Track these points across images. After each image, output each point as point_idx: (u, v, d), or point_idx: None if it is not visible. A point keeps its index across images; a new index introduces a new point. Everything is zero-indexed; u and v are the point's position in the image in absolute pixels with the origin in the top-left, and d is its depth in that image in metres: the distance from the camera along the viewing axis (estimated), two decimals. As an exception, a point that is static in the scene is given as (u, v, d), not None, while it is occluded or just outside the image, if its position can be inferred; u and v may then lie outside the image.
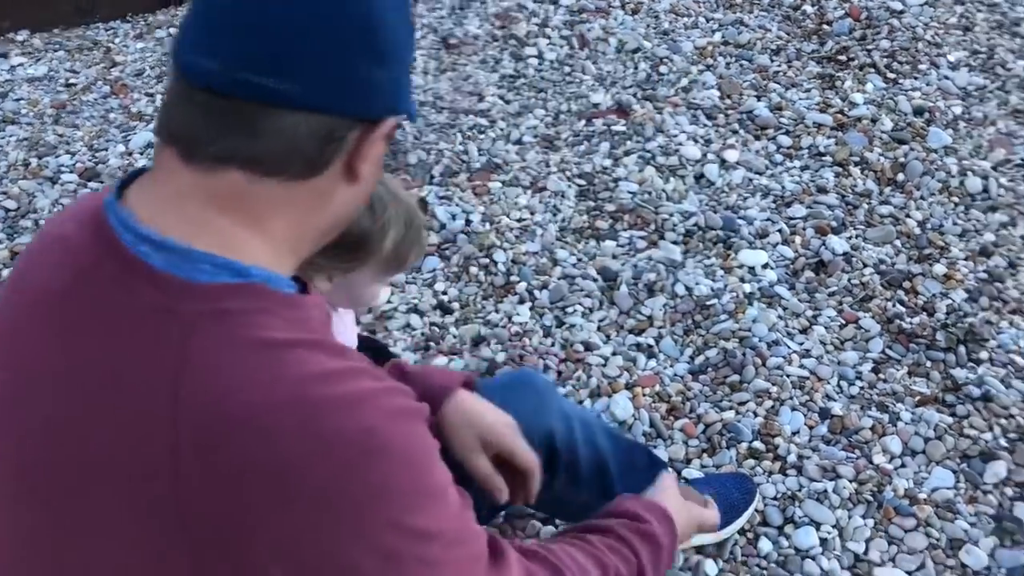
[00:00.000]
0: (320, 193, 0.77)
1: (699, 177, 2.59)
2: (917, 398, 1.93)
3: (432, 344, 2.09)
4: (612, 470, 1.41)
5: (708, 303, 2.16)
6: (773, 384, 1.96)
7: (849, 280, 2.23)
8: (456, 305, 2.21)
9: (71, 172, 2.83)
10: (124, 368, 0.69)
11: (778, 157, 2.68)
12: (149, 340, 0.69)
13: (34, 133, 3.07)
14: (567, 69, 3.12)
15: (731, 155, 2.63)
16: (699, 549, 1.65)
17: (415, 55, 0.85)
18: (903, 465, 1.80)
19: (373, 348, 1.78)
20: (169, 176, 0.74)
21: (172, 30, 3.59)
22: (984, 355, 2.02)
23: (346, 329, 1.52)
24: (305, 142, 0.73)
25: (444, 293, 2.25)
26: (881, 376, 2.00)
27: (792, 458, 1.81)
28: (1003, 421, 1.86)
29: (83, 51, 3.60)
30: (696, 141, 2.71)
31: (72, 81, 3.37)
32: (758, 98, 2.91)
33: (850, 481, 1.76)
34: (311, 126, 0.73)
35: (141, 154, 2.87)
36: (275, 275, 0.76)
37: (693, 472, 1.80)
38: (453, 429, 1.14)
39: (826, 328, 2.11)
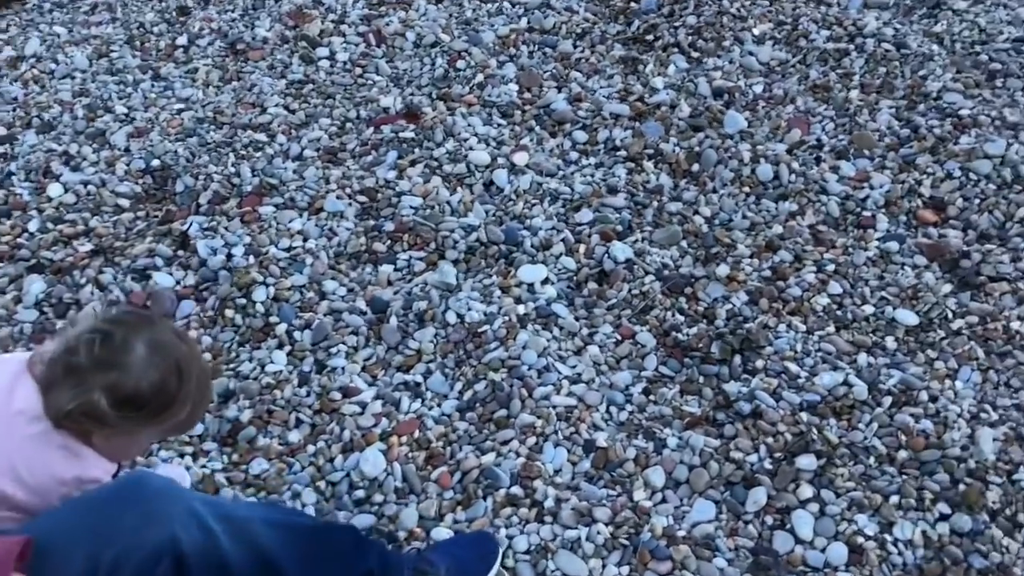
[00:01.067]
0: None
1: (488, 184, 2.44)
2: (686, 420, 1.83)
3: (172, 406, 1.90)
4: (285, 564, 1.26)
5: (480, 330, 2.02)
6: (539, 417, 1.83)
7: (630, 290, 2.11)
8: (208, 356, 2.02)
9: None
10: None
11: (573, 155, 2.54)
12: None
13: None
14: (359, 70, 2.92)
15: (520, 158, 2.48)
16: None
17: None
18: (664, 500, 1.70)
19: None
20: None
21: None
22: (760, 363, 1.93)
23: (98, 469, 1.35)
24: None
25: (198, 342, 2.05)
26: (652, 398, 1.89)
27: (549, 503, 1.69)
28: (769, 440, 1.77)
29: None
30: (487, 144, 2.56)
31: None
32: (559, 89, 2.77)
33: (606, 525, 1.65)
34: None
35: None
36: None
37: (443, 531, 1.66)
38: None
39: (600, 347, 1.99)
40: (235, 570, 1.21)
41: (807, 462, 1.72)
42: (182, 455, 1.80)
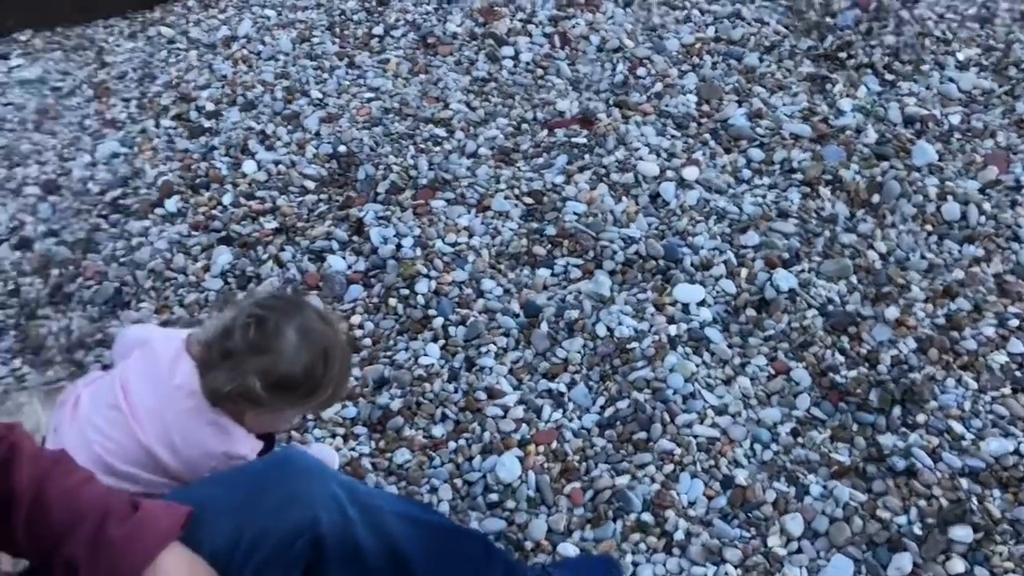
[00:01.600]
0: None
1: (654, 197, 2.42)
2: (834, 468, 1.76)
3: (330, 387, 2.02)
4: (415, 560, 1.31)
5: (629, 346, 2.02)
6: (679, 445, 1.82)
7: (790, 322, 2.04)
8: (368, 341, 2.13)
9: (35, 184, 2.84)
10: None
11: (746, 173, 2.48)
12: None
13: (12, 141, 3.11)
14: (540, 71, 2.96)
15: (690, 172, 2.44)
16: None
17: None
18: (799, 550, 1.64)
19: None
20: None
21: (164, 28, 3.57)
22: (921, 418, 1.82)
23: (246, 446, 1.48)
24: None
25: (360, 327, 2.16)
26: (800, 440, 1.83)
27: (679, 535, 1.68)
28: (922, 502, 1.68)
29: (79, 51, 3.61)
30: (658, 155, 2.53)
31: (58, 84, 3.39)
32: (739, 104, 2.71)
33: (735, 567, 1.62)
34: None
35: (106, 165, 2.87)
36: None
37: (569, 548, 1.68)
38: None
39: (752, 379, 1.94)
40: (367, 557, 1.27)
41: (962, 533, 1.61)
42: (334, 435, 1.91)
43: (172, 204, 2.61)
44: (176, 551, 1.11)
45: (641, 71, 2.87)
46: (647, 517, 1.71)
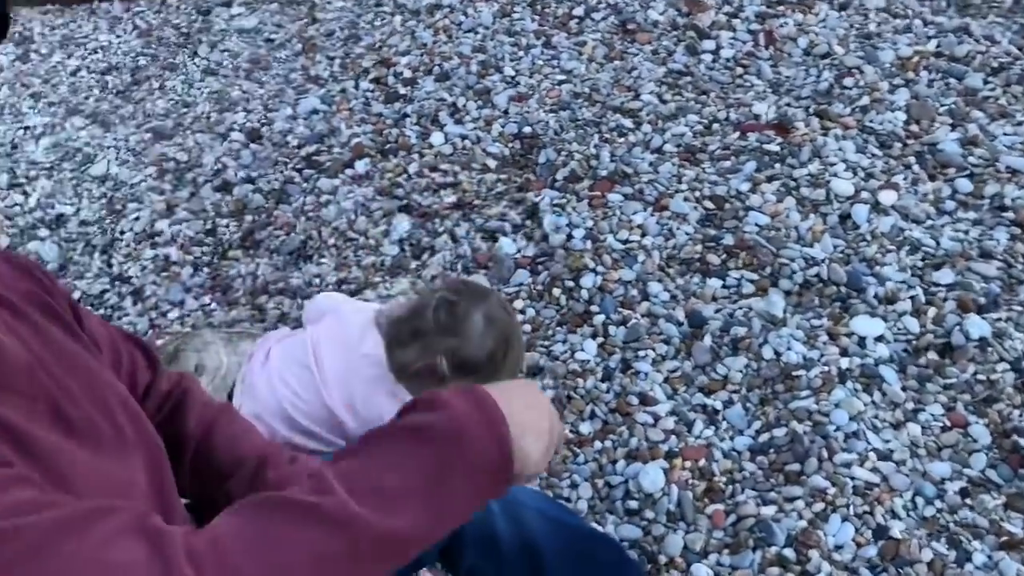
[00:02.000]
0: None
1: (844, 218, 2.30)
2: (1003, 539, 1.63)
3: (486, 368, 2.05)
4: (547, 557, 1.32)
5: (795, 373, 1.94)
6: (834, 484, 1.73)
7: (975, 373, 1.90)
8: (528, 327, 2.14)
9: (240, 131, 3.02)
10: None
11: (949, 205, 2.31)
12: None
13: (224, 87, 3.31)
14: (740, 69, 2.86)
15: (887, 197, 2.30)
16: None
17: None
18: (951, 619, 1.54)
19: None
20: None
21: (374, -10, 3.69)
22: (1114, 502, 1.66)
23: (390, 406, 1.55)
24: None
25: (521, 312, 2.18)
26: (968, 502, 1.70)
27: (821, 578, 1.61)
28: (1100, 594, 1.53)
29: (293, 4, 3.79)
30: (855, 173, 2.40)
31: (272, 36, 3.58)
32: (952, 128, 2.52)
33: (877, 623, 1.54)
34: None
35: (305, 120, 3.01)
36: None
37: (703, 570, 1.64)
38: None
39: (924, 428, 1.82)
40: (502, 547, 1.29)
41: None
42: (484, 416, 1.94)
43: (362, 166, 2.71)
44: None
45: (848, 81, 2.71)
46: (789, 553, 1.65)
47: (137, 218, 2.73)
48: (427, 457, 0.82)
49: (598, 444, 1.88)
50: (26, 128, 3.23)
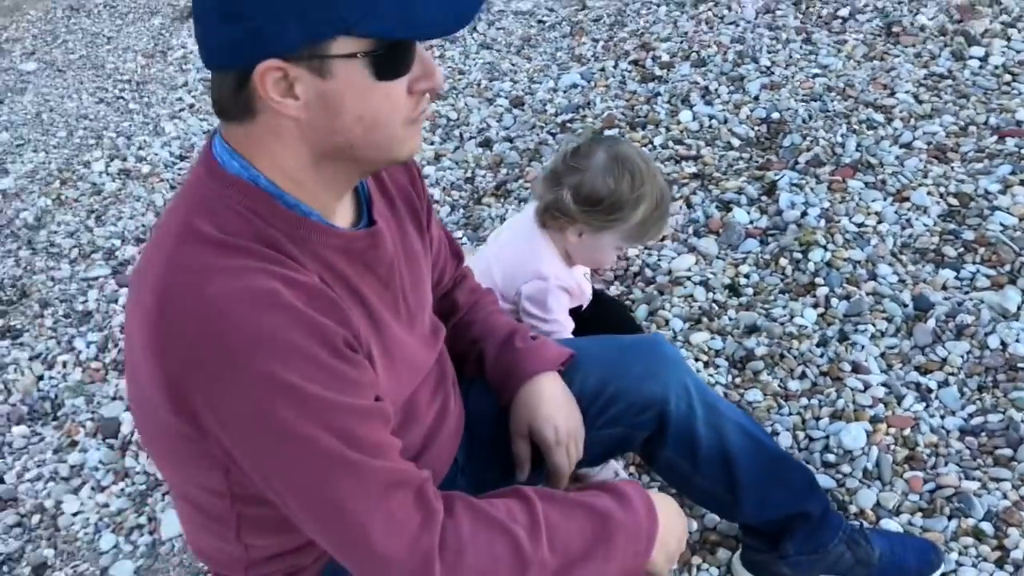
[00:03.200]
0: (271, 129, 0.92)
1: (1101, 228, 2.21)
2: None
3: (704, 319, 2.17)
4: (741, 467, 1.42)
5: (1020, 365, 1.91)
6: (1047, 473, 1.71)
7: None
8: (750, 291, 2.24)
9: (505, 98, 3.32)
10: None
11: None
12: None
13: (496, 60, 3.63)
14: (1008, 77, 2.78)
15: None
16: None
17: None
18: None
19: (608, 303, 1.97)
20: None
21: (643, -17, 3.88)
22: None
23: (581, 281, 1.76)
24: (225, 93, 0.92)
25: (745, 276, 2.28)
26: None
27: (1017, 554, 1.60)
28: None
29: (567, -8, 4.07)
30: (1121, 186, 2.29)
31: (544, 19, 3.87)
32: None
33: (1071, 605, 1.51)
34: (224, 81, 0.91)
35: (564, 93, 3.26)
36: (276, 188, 0.95)
37: (891, 524, 1.68)
38: (514, 411, 1.32)
39: None
40: (700, 448, 1.42)
41: None
42: (696, 359, 2.07)
43: (611, 135, 2.90)
44: (553, 377, 1.34)
45: None
46: (986, 526, 1.65)
47: (408, 162, 3.09)
48: (603, 542, 1.05)
49: (804, 400, 1.95)
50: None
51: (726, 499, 1.46)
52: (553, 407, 1.30)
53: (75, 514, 2.05)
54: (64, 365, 2.48)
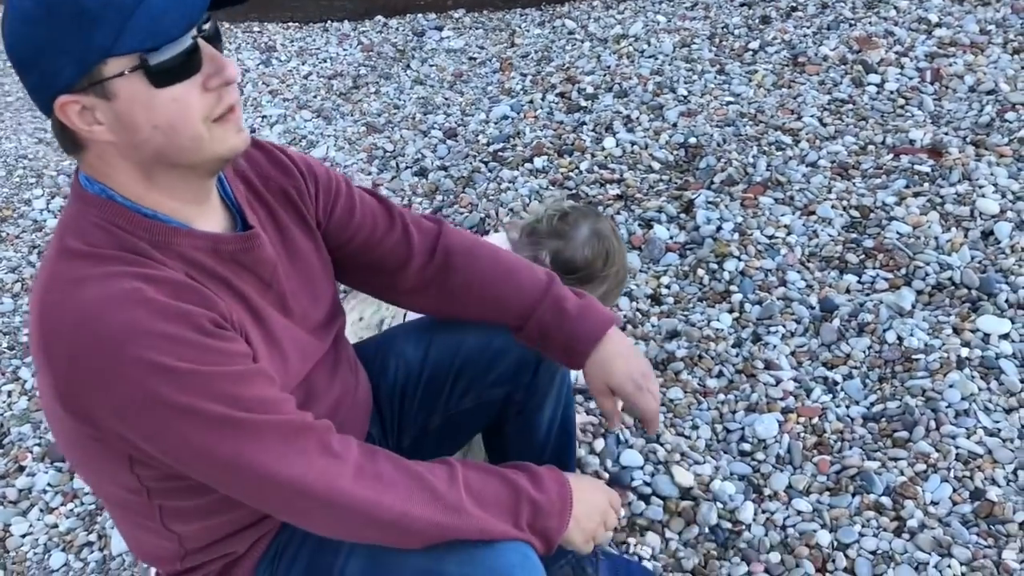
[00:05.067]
0: (99, 155, 1.01)
1: (986, 235, 2.42)
2: (1099, 514, 1.72)
3: (629, 326, 2.32)
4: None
5: (915, 356, 2.09)
6: (937, 451, 1.88)
7: (1097, 374, 1.99)
8: (671, 299, 2.40)
9: (439, 129, 3.46)
10: None
11: (1098, 230, 2.39)
12: None
13: (430, 94, 3.78)
14: (902, 101, 3.02)
15: (1033, 216, 2.41)
16: None
17: (84, 19, 0.93)
18: (1034, 571, 1.65)
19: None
20: None
21: (568, 20, 4.09)
22: None
23: None
24: (56, 133, 1.02)
25: (667, 287, 2.44)
26: (1070, 479, 1.80)
27: (913, 523, 1.75)
28: None
29: (496, 31, 4.26)
30: (1003, 196, 2.52)
31: (475, 56, 4.04)
32: (1114, 162, 2.58)
33: (961, 564, 1.67)
34: (52, 124, 1.01)
35: (496, 124, 3.41)
36: (130, 202, 1.03)
37: (803, 503, 1.83)
38: (590, 374, 1.38)
39: (1036, 415, 1.93)
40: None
41: None
42: (622, 363, 2.21)
43: (539, 162, 3.06)
44: (614, 333, 1.38)
45: (1011, 115, 2.82)
46: (886, 500, 1.80)
47: (347, 191, 3.20)
48: (510, 509, 1.13)
49: (721, 396, 2.10)
50: (264, 117, 3.82)
51: None
52: (623, 362, 1.36)
53: (24, 535, 2.09)
54: (10, 395, 2.51)
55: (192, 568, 1.21)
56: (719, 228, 2.57)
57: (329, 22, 4.61)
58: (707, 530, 1.81)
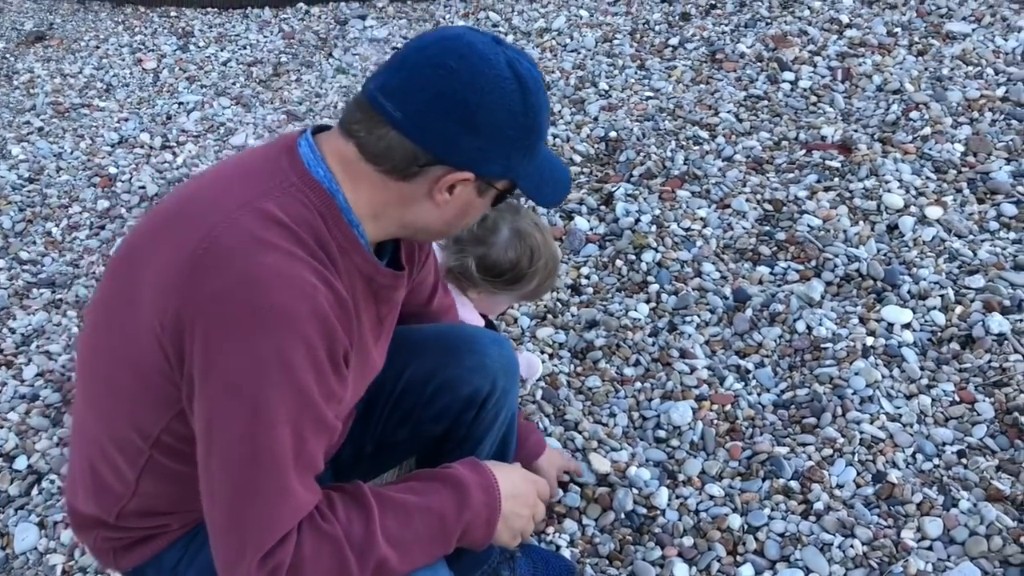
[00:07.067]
0: (403, 195, 1.08)
1: (892, 228, 2.51)
2: (990, 492, 1.81)
3: (549, 316, 2.34)
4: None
5: (823, 345, 2.16)
6: (843, 436, 1.94)
7: (990, 361, 2.08)
8: (590, 290, 2.43)
9: (361, 118, 3.43)
10: None
11: (993, 225, 2.50)
12: None
13: (353, 83, 3.74)
14: (814, 98, 3.11)
15: (934, 212, 2.51)
16: None
17: (534, 139, 1.10)
18: (930, 548, 1.72)
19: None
20: (334, 134, 1.11)
21: (492, 13, 4.09)
22: (1100, 475, 1.82)
23: (471, 314, 1.85)
24: (397, 153, 1.04)
25: (586, 277, 2.47)
26: (964, 461, 1.89)
27: (819, 506, 1.81)
28: (1072, 543, 1.69)
29: (420, 22, 4.24)
30: (907, 191, 2.62)
31: (398, 45, 4.01)
32: (1007, 161, 2.71)
33: (863, 544, 1.73)
34: (404, 145, 1.04)
35: (418, 113, 3.39)
36: (348, 206, 1.07)
37: (715, 488, 1.87)
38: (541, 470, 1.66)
39: (934, 400, 2.02)
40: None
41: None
42: (542, 351, 2.22)
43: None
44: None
45: (915, 115, 2.94)
46: (794, 484, 1.86)
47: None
48: (440, 541, 1.15)
49: (638, 384, 2.14)
50: (180, 103, 3.72)
51: None
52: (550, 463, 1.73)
53: (-80, 534, 2.01)
54: (-96, 388, 2.40)
55: (118, 527, 1.19)
56: (637, 220, 2.61)
57: (249, 8, 4.52)
58: (623, 516, 1.84)
